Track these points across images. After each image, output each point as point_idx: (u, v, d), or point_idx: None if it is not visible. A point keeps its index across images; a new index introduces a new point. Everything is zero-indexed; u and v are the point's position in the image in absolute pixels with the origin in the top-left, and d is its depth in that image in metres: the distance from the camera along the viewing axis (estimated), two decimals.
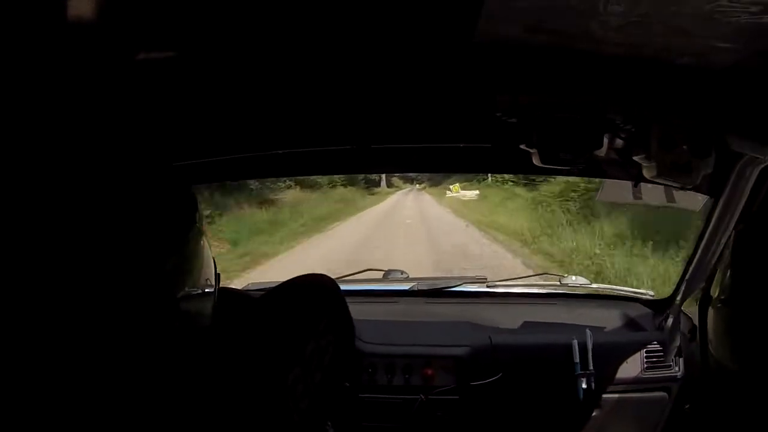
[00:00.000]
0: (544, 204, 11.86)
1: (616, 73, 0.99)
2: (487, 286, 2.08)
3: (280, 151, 1.50)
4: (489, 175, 17.33)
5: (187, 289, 0.64)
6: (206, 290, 0.70)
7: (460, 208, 17.66)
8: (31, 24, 0.67)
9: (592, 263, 7.72)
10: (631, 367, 1.71)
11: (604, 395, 1.69)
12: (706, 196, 1.45)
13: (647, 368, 1.71)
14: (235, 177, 2.12)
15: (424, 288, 2.06)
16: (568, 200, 10.96)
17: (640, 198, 1.53)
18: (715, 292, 0.96)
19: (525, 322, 1.85)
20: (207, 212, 9.04)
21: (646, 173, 1.12)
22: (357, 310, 0.84)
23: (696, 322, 1.06)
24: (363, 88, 1.16)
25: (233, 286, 1.84)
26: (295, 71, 1.06)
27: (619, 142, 1.15)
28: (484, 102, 1.09)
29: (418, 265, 7.10)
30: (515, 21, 0.80)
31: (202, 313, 0.69)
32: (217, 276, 0.76)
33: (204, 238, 0.71)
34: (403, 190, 35.94)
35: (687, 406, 1.67)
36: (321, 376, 0.67)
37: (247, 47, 0.93)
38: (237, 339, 0.64)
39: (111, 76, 0.91)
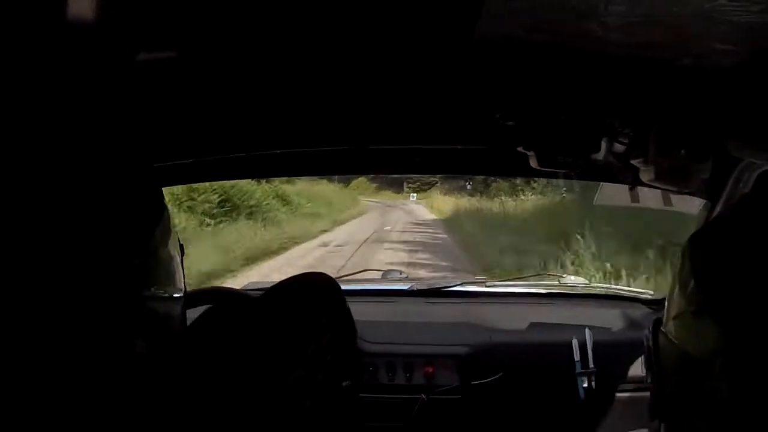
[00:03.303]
0: None
1: (616, 73, 0.99)
2: (486, 286, 2.08)
3: (278, 151, 1.50)
4: None
5: (153, 290, 0.63)
6: (174, 293, 0.69)
7: None
8: (30, 23, 0.67)
9: None
10: (632, 366, 1.70)
11: (605, 394, 1.69)
12: (703, 200, 1.46)
13: (647, 366, 1.71)
14: (232, 177, 2.12)
15: (423, 288, 2.06)
16: None
17: (638, 202, 1.53)
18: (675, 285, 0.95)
19: (525, 321, 1.86)
20: None
21: (643, 177, 1.12)
22: (356, 310, 0.84)
23: None
24: (361, 89, 1.16)
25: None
26: (293, 71, 1.06)
27: (617, 145, 1.15)
28: (482, 103, 1.09)
29: None
30: (515, 21, 0.80)
31: (170, 315, 0.68)
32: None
33: (173, 239, 0.70)
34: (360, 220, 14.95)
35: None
36: (323, 374, 0.67)
37: (245, 47, 0.93)
38: (237, 339, 0.64)
39: (109, 75, 0.91)
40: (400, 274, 2.25)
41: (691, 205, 1.59)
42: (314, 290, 0.77)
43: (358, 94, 1.18)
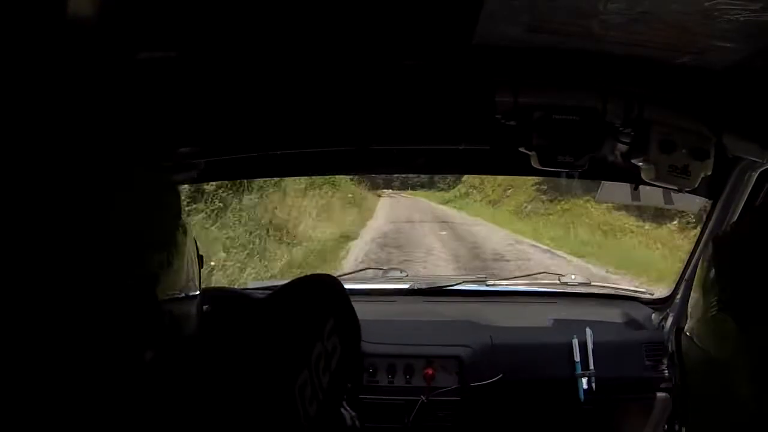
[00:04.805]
0: None
1: (617, 72, 0.99)
2: (487, 285, 2.07)
3: (279, 152, 1.50)
4: None
5: (172, 290, 0.63)
6: (190, 292, 0.68)
7: None
8: (31, 23, 0.67)
9: None
10: (632, 366, 1.70)
11: (605, 395, 1.68)
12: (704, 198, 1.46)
13: (648, 367, 1.70)
14: (234, 177, 2.13)
15: (423, 287, 2.05)
16: None
17: (639, 200, 1.53)
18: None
19: (525, 320, 1.85)
20: None
21: (644, 176, 1.12)
22: (356, 310, 0.83)
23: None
24: (363, 89, 1.16)
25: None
26: (296, 72, 1.06)
27: (617, 145, 1.15)
28: (484, 103, 1.09)
29: None
30: (515, 21, 0.80)
31: (186, 315, 0.67)
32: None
33: (189, 235, 0.69)
34: None
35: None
36: (329, 379, 0.66)
37: (249, 48, 0.94)
38: (242, 342, 0.63)
39: (112, 74, 0.91)
40: (400, 272, 2.24)
41: (692, 204, 1.59)
42: (321, 291, 0.76)
43: (361, 94, 1.19)
